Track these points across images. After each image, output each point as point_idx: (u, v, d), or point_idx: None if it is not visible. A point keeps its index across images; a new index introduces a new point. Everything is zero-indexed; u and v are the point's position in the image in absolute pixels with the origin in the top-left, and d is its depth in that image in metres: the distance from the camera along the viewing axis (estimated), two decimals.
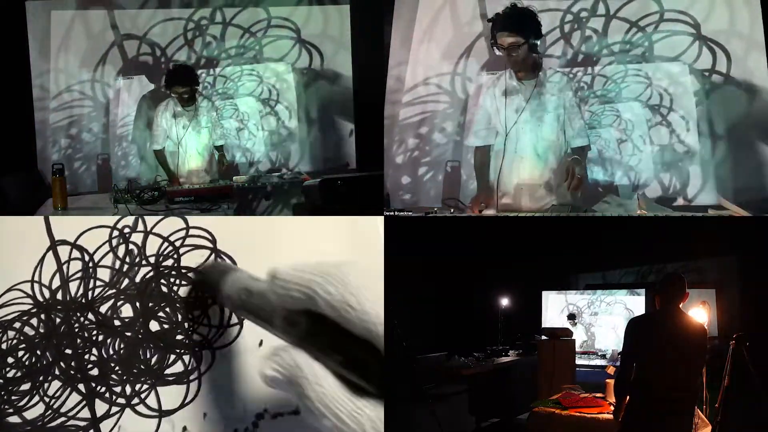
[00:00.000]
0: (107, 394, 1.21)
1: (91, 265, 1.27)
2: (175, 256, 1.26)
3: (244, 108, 4.04)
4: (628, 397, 2.24)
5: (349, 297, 0.73)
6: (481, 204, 2.83)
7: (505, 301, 4.77)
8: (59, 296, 1.24)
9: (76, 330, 1.23)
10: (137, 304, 1.25)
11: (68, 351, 1.23)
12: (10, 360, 1.23)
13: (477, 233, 3.89)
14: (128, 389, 1.22)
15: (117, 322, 1.24)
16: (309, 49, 3.86)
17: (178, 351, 1.20)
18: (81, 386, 1.22)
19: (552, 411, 2.64)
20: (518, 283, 4.76)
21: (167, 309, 1.25)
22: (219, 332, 1.21)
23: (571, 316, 4.85)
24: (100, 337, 1.23)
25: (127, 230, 1.27)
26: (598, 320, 4.76)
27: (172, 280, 1.27)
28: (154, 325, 1.24)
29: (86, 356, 1.23)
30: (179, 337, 1.22)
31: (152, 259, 1.25)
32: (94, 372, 1.22)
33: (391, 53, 3.36)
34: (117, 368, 1.22)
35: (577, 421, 2.56)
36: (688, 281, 3.81)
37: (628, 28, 3.16)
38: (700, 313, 2.94)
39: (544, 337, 3.82)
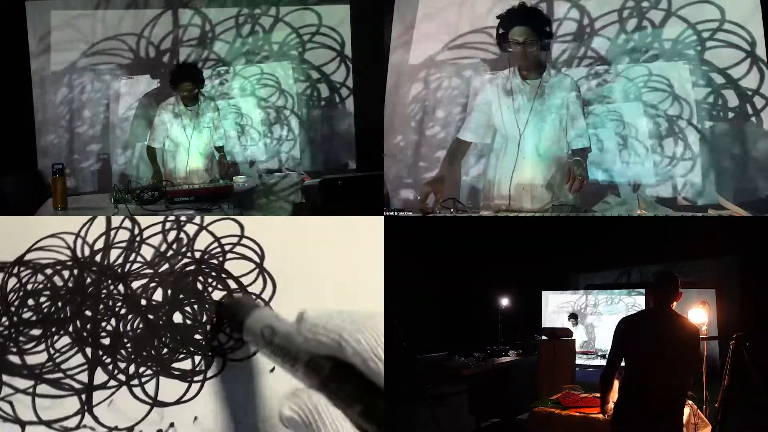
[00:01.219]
0: (110, 367, 1.21)
1: (138, 239, 1.27)
2: (221, 258, 1.26)
3: (245, 109, 4.05)
4: (617, 395, 2.27)
5: (378, 349, 0.74)
6: (430, 194, 2.69)
7: (505, 301, 4.77)
8: (98, 258, 1.24)
9: (102, 296, 1.23)
10: (169, 291, 1.25)
11: (88, 312, 1.23)
12: (30, 302, 1.23)
13: (477, 233, 3.89)
14: (132, 369, 1.21)
15: (144, 302, 1.24)
16: (348, 66, 3.92)
17: (191, 349, 1.19)
18: (88, 350, 1.22)
19: (552, 411, 2.64)
20: (518, 283, 4.76)
21: (195, 306, 1.25)
22: (236, 344, 1.21)
23: (573, 316, 4.85)
24: (123, 311, 1.23)
25: (183, 218, 1.27)
26: (598, 320, 4.76)
27: (210, 280, 1.26)
28: (177, 317, 1.24)
29: (103, 323, 1.23)
30: (197, 336, 1.22)
31: (198, 254, 1.25)
32: (106, 341, 1.22)
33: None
34: (128, 345, 1.22)
35: (577, 421, 2.55)
36: (689, 281, 3.82)
37: (685, 28, 3.16)
38: (700, 313, 2.94)
39: (544, 337, 3.82)
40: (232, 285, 1.24)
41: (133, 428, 1.19)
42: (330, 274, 1.23)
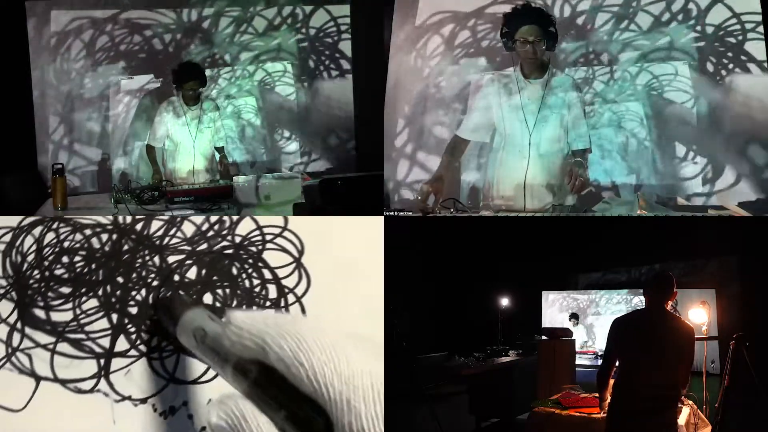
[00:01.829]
0: (133, 336, 1.21)
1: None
2: (260, 247, 1.26)
3: (246, 108, 4.05)
4: (611, 394, 2.30)
5: (299, 354, 0.74)
6: (430, 194, 2.66)
7: (505, 301, 4.77)
8: (138, 227, 1.24)
9: (137, 265, 1.23)
10: (203, 271, 1.24)
11: (120, 279, 1.22)
12: (65, 259, 1.23)
13: (477, 233, 3.90)
14: (154, 341, 1.21)
15: (177, 278, 1.23)
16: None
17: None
18: (114, 316, 1.21)
19: (552, 411, 2.64)
20: (518, 283, 4.76)
21: (227, 290, 1.24)
22: None
23: (574, 316, 4.86)
24: (155, 283, 1.22)
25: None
26: (599, 320, 4.76)
27: (246, 267, 1.26)
28: (208, 298, 1.23)
29: (133, 292, 1.22)
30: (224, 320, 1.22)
31: (238, 239, 1.25)
32: (133, 310, 1.21)
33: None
34: (155, 318, 1.22)
35: (577, 421, 2.56)
36: (688, 281, 3.81)
37: (729, 17, 3.15)
38: (700, 313, 2.94)
39: (544, 337, 3.82)
40: (267, 275, 1.24)
41: (146, 400, 1.19)
42: (362, 273, 1.23)
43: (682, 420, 2.36)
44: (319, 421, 0.73)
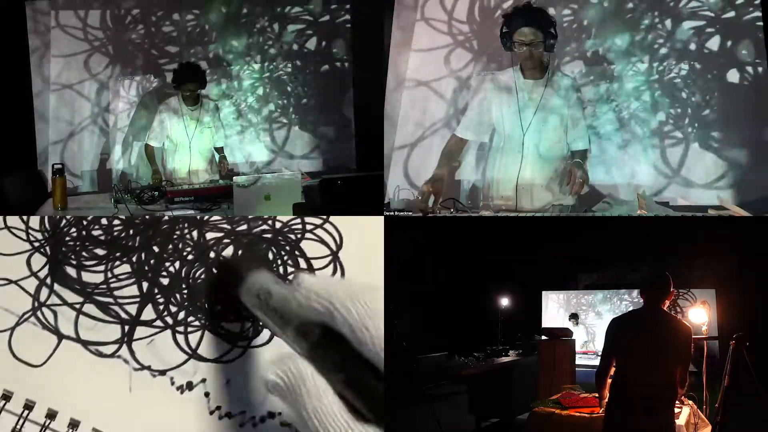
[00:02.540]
0: (161, 307, 1.20)
1: None
2: (299, 235, 1.25)
3: (246, 108, 4.06)
4: (608, 394, 2.31)
5: (367, 320, 0.74)
6: (431, 194, 2.60)
7: (505, 301, 4.77)
8: None
9: (175, 237, 1.22)
10: (240, 251, 1.24)
11: (155, 248, 1.22)
12: (104, 221, 1.22)
13: (477, 233, 3.90)
14: (181, 315, 1.20)
15: (212, 255, 1.23)
16: None
17: (243, 313, 1.18)
18: (144, 285, 1.21)
19: (552, 411, 2.64)
20: (518, 283, 4.76)
21: None
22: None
23: (574, 316, 4.86)
24: (190, 257, 1.21)
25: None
26: (598, 320, 4.77)
27: (282, 253, 1.25)
28: None
29: (167, 263, 1.22)
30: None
31: (278, 225, 1.24)
32: (164, 281, 1.21)
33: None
34: (185, 291, 1.21)
35: (577, 421, 2.55)
36: (689, 281, 3.80)
37: None
38: (700, 313, 2.94)
39: (544, 337, 3.82)
40: (303, 264, 1.23)
41: (165, 372, 1.18)
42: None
43: (682, 420, 2.36)
44: (380, 387, 0.73)
